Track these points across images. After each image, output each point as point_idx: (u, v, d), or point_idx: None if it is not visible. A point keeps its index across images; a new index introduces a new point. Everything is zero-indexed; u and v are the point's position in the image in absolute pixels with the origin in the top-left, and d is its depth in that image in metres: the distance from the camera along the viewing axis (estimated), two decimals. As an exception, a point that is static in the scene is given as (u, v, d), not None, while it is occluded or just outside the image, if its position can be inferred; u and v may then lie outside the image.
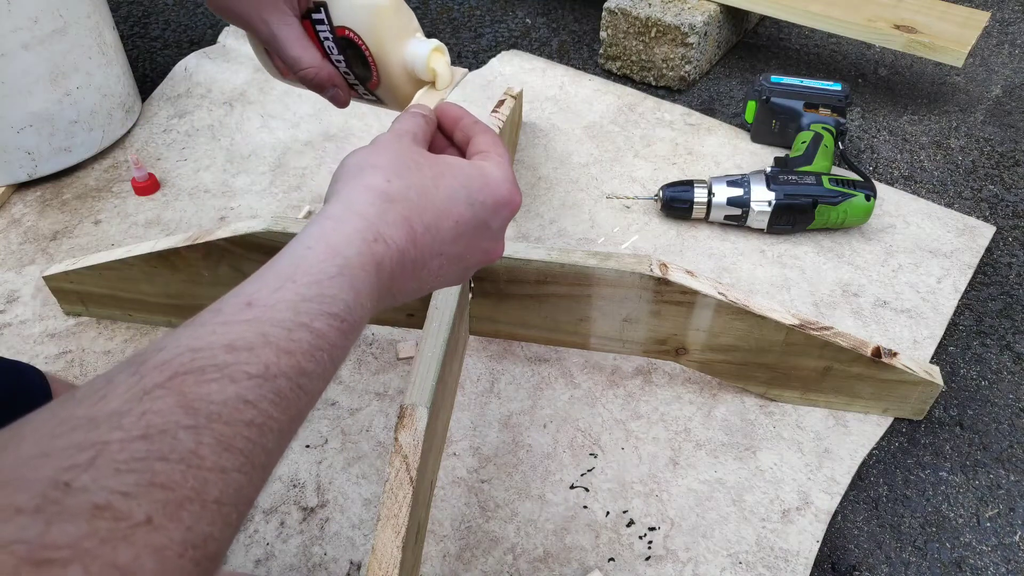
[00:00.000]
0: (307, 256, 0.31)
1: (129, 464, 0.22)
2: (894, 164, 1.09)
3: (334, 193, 0.35)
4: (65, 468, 0.21)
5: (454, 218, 0.37)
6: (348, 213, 0.33)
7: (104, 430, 0.22)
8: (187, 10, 1.44)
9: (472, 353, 0.81)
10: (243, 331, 0.27)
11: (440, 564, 0.64)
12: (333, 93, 0.51)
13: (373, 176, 0.35)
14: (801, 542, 0.66)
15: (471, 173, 0.39)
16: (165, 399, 0.24)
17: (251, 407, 0.25)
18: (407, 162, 0.37)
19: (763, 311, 0.68)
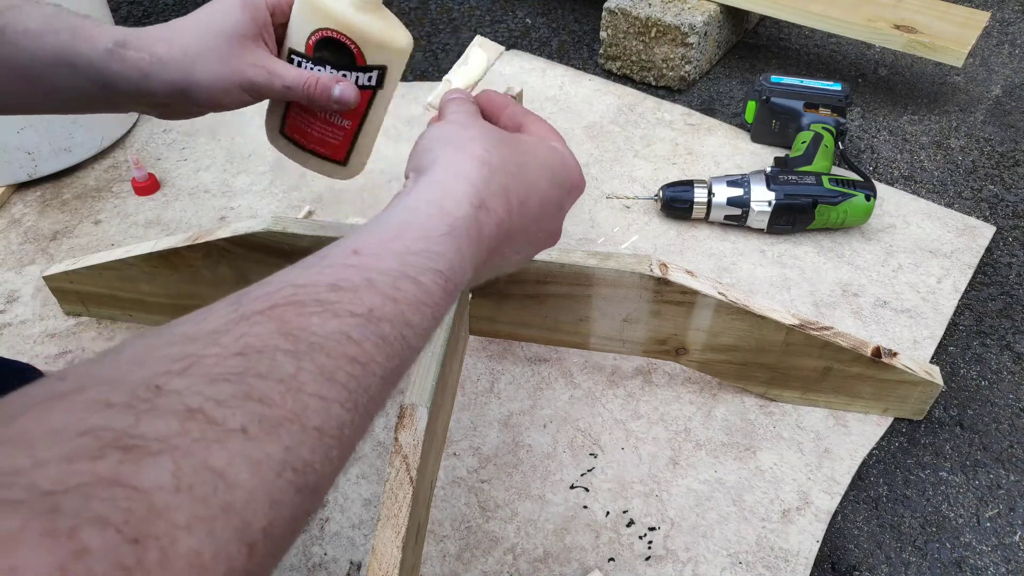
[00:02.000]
0: (416, 214, 0.31)
1: (224, 376, 0.22)
2: (894, 164, 1.09)
3: (433, 161, 0.35)
4: (159, 374, 0.21)
5: (541, 195, 0.38)
6: (456, 178, 0.33)
7: (200, 345, 0.22)
8: (187, 10, 1.44)
9: (472, 353, 0.81)
10: (348, 274, 0.27)
11: (440, 564, 0.64)
12: (341, 89, 0.51)
13: (474, 146, 0.35)
14: (801, 542, 0.66)
15: (551, 154, 0.40)
16: (264, 324, 0.23)
17: (354, 344, 0.25)
18: (496, 137, 0.37)
19: (763, 311, 0.68)
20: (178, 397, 0.20)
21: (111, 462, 0.18)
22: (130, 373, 0.21)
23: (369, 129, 0.59)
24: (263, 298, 0.25)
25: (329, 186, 1.03)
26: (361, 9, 0.51)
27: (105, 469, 0.18)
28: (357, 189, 1.02)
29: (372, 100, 0.56)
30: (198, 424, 0.20)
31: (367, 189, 1.02)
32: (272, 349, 0.23)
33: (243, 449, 0.21)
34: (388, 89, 0.56)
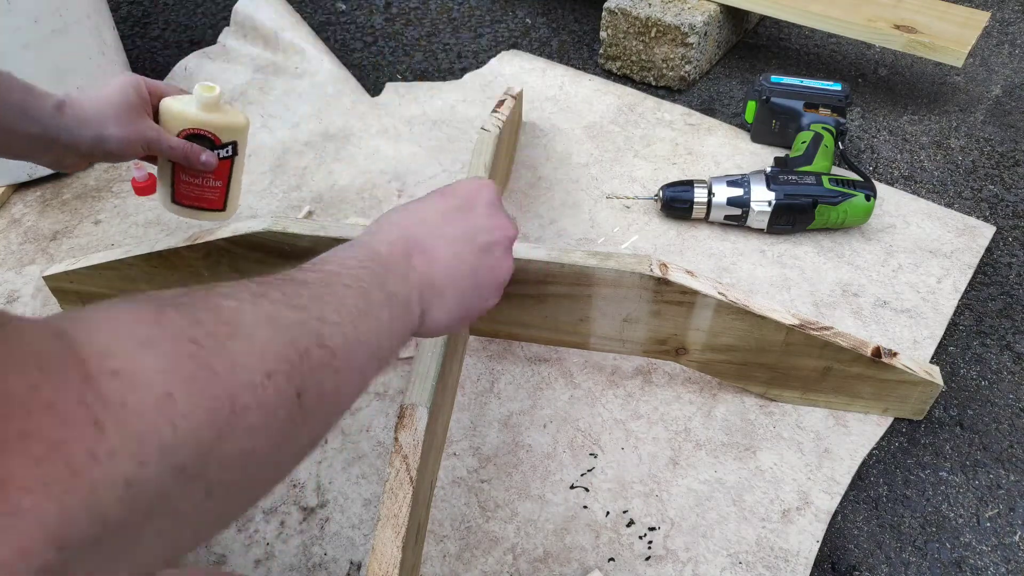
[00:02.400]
0: (347, 248, 0.45)
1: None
2: (894, 164, 1.09)
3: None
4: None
5: (438, 208, 0.50)
6: (366, 235, 0.48)
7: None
8: (187, 10, 1.44)
9: (472, 353, 0.81)
10: (313, 275, 0.39)
11: (440, 564, 0.64)
12: (207, 156, 0.74)
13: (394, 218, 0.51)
14: (801, 542, 0.66)
15: (445, 187, 0.54)
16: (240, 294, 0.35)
17: (323, 286, 0.38)
18: (406, 203, 0.52)
19: (763, 311, 0.68)
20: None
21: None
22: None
23: (235, 184, 0.82)
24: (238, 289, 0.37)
25: (329, 186, 1.03)
26: (208, 110, 0.74)
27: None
28: (357, 189, 1.02)
29: (232, 165, 0.79)
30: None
31: (367, 189, 1.02)
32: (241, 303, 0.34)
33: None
34: (242, 154, 0.80)
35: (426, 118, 1.15)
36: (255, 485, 0.31)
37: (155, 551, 0.25)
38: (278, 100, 1.18)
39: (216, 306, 0.30)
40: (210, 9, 1.45)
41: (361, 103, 1.17)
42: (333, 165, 1.06)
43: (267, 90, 1.20)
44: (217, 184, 0.79)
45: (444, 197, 0.51)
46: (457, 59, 1.32)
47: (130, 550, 0.24)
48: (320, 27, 1.39)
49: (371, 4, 1.47)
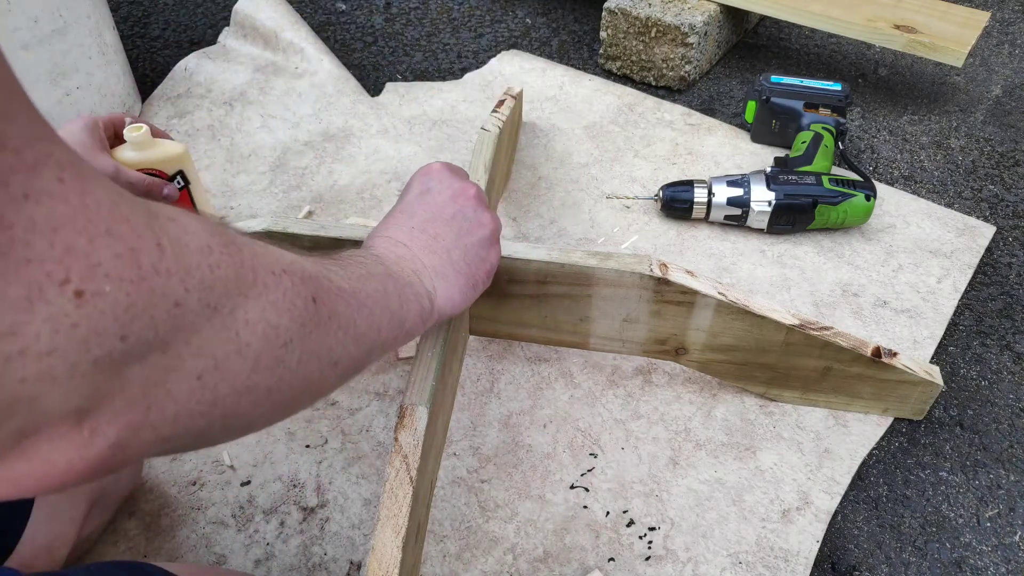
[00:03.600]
0: (346, 252, 0.49)
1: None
2: (894, 164, 1.09)
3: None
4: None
5: (397, 209, 0.55)
6: (366, 243, 0.54)
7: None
8: (187, 10, 1.44)
9: (472, 353, 0.81)
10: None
11: (440, 564, 0.64)
12: (169, 189, 0.77)
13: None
14: (801, 542, 0.66)
15: (428, 186, 0.57)
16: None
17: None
18: (401, 204, 0.57)
19: (763, 311, 0.68)
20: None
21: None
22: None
23: (203, 210, 0.88)
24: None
25: (329, 186, 1.03)
26: (142, 149, 0.79)
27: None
28: (357, 189, 1.02)
29: (190, 193, 0.85)
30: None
31: (367, 189, 1.02)
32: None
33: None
34: (195, 181, 0.85)
35: (426, 118, 1.15)
36: (289, 372, 0.33)
37: (197, 399, 0.28)
38: (278, 100, 1.18)
39: (240, 233, 0.34)
40: (210, 9, 1.45)
41: (361, 103, 1.17)
42: (333, 165, 1.06)
43: (267, 90, 1.20)
44: None
45: (400, 199, 0.56)
46: (457, 59, 1.32)
47: (174, 384, 0.27)
48: (320, 27, 1.39)
49: (371, 4, 1.47)
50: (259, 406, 0.32)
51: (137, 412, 0.26)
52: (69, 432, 0.24)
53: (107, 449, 0.25)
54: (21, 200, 0.22)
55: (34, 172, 0.22)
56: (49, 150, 0.23)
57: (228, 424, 0.31)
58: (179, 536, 0.66)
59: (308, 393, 0.36)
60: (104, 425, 0.25)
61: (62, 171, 0.23)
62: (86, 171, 0.24)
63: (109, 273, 0.24)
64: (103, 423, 0.25)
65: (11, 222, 0.21)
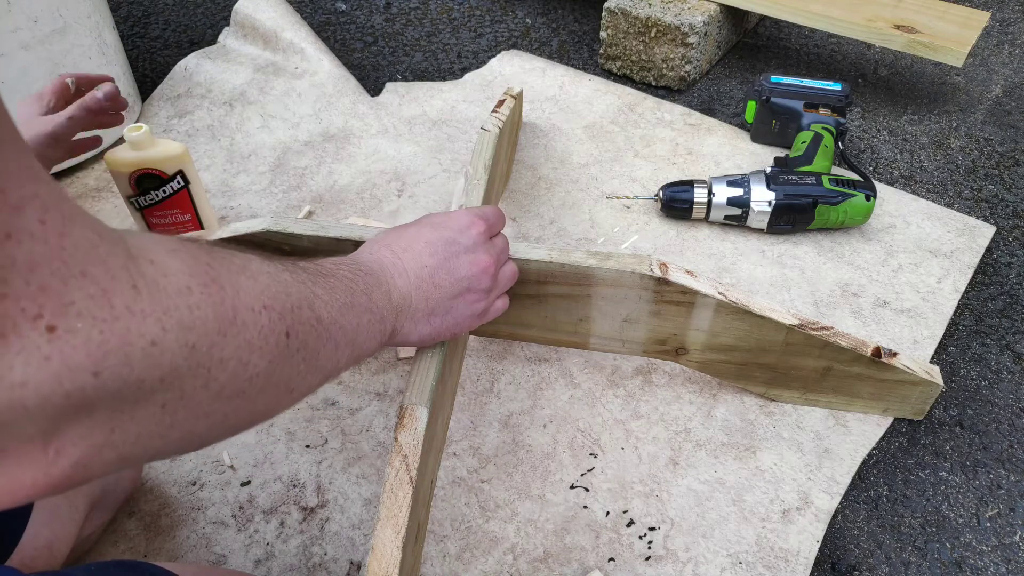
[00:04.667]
0: (344, 258, 0.51)
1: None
2: (894, 164, 1.09)
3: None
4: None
5: (424, 239, 0.55)
6: (363, 253, 0.54)
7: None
8: (187, 10, 1.44)
9: (472, 353, 0.81)
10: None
11: (440, 564, 0.64)
12: (104, 90, 0.74)
13: (384, 240, 0.56)
14: (801, 542, 0.66)
15: (436, 215, 0.58)
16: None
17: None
18: (401, 225, 0.58)
19: (763, 311, 0.68)
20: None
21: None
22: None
23: (202, 208, 0.88)
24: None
25: (329, 186, 1.03)
26: (142, 148, 0.80)
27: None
28: (357, 189, 1.02)
29: (190, 193, 0.85)
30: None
31: (367, 189, 1.02)
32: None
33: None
34: (195, 181, 0.85)
35: (426, 118, 1.15)
36: (247, 401, 0.35)
37: (156, 423, 0.30)
38: (278, 100, 1.18)
39: (230, 253, 0.36)
40: (210, 9, 1.45)
41: (361, 103, 1.17)
42: (333, 165, 1.06)
43: (267, 90, 1.20)
44: (186, 217, 0.88)
45: (434, 229, 0.56)
46: (457, 59, 1.32)
47: (139, 411, 0.28)
48: (320, 27, 1.39)
49: (371, 4, 1.47)
50: (214, 428, 0.34)
51: (101, 435, 0.27)
52: (34, 452, 0.25)
53: (70, 468, 0.27)
54: (3, 239, 0.23)
55: (18, 212, 0.23)
56: (35, 190, 0.24)
57: (184, 443, 0.32)
58: (179, 536, 0.66)
59: (262, 415, 0.38)
60: (69, 447, 0.26)
61: (45, 212, 0.24)
62: (69, 211, 0.26)
63: (81, 312, 0.25)
64: (68, 444, 0.26)
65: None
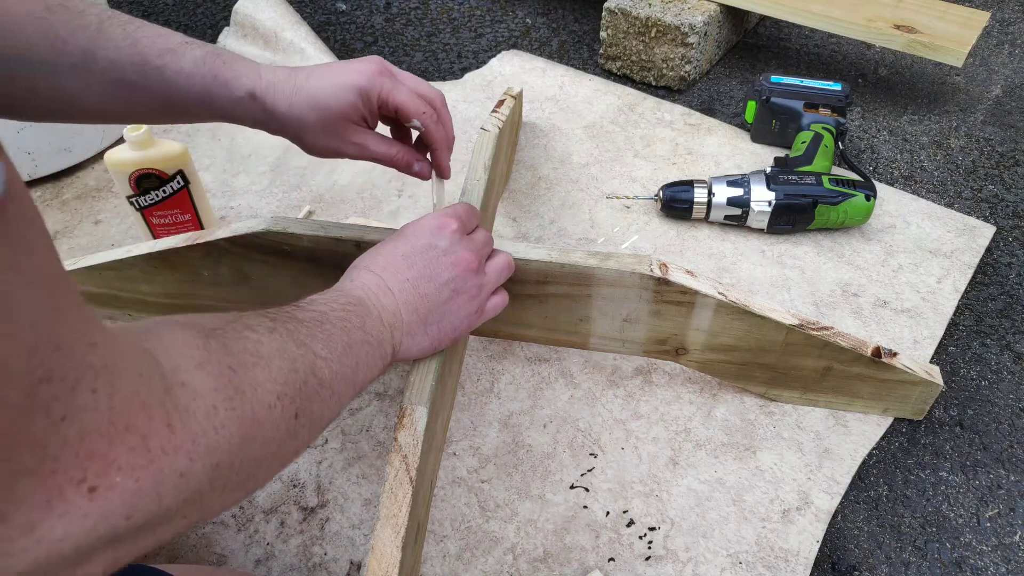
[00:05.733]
0: (332, 293, 0.51)
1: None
2: (894, 164, 1.09)
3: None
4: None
5: (400, 253, 0.54)
6: (345, 281, 0.54)
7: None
8: (187, 10, 1.45)
9: (472, 353, 0.81)
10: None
11: (440, 564, 0.64)
12: (420, 166, 0.62)
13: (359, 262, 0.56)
14: (801, 542, 0.66)
15: (408, 226, 0.57)
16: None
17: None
18: (377, 245, 0.57)
19: (763, 311, 0.68)
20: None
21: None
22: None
23: (202, 209, 0.89)
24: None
25: (329, 186, 1.03)
26: (142, 148, 0.80)
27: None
28: (357, 189, 1.02)
29: (190, 193, 0.86)
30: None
31: (367, 189, 1.02)
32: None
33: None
34: (195, 181, 0.85)
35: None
36: (253, 486, 0.37)
37: (173, 531, 0.31)
38: (278, 100, 1.18)
39: (244, 337, 0.38)
40: (210, 9, 1.45)
41: (361, 103, 1.17)
42: (333, 165, 1.06)
43: (267, 90, 1.19)
44: (186, 217, 0.88)
45: (407, 239, 0.55)
46: (457, 59, 1.32)
47: (162, 529, 0.30)
48: (320, 27, 1.39)
49: (371, 4, 1.47)
50: (217, 511, 0.35)
51: (126, 554, 0.29)
52: (63, 573, 0.27)
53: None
54: (59, 423, 0.24)
55: (73, 392, 0.25)
56: (89, 360, 0.26)
57: (190, 527, 0.34)
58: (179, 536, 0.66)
59: (262, 484, 0.39)
60: (95, 567, 0.28)
61: (96, 380, 0.26)
62: (116, 361, 0.27)
63: (122, 466, 0.26)
64: (95, 566, 0.28)
65: (45, 444, 0.24)
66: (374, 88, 0.56)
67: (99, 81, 0.51)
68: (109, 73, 0.51)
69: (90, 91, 0.52)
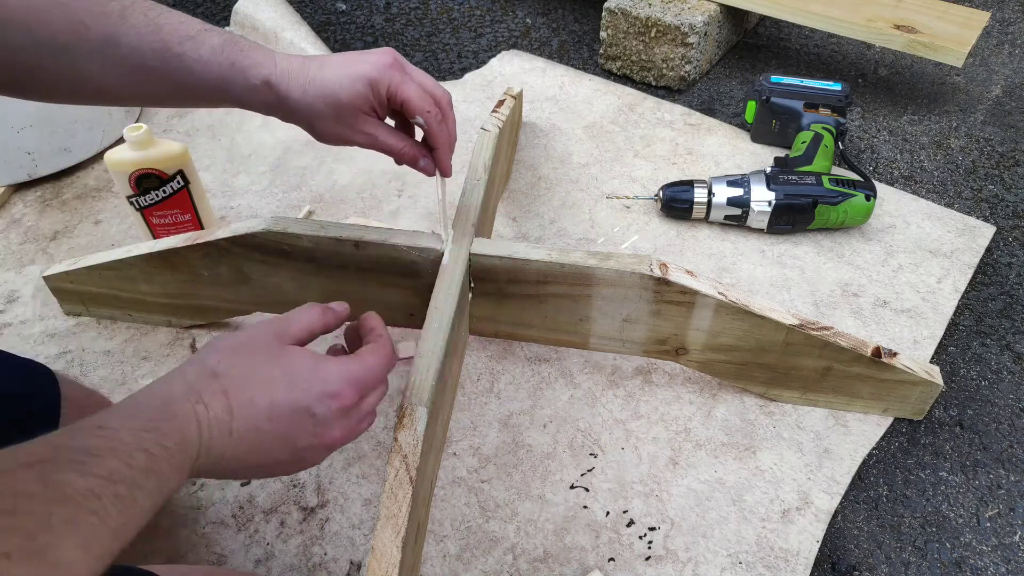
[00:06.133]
0: (147, 402, 0.39)
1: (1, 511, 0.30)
2: (894, 164, 1.09)
3: (183, 364, 0.44)
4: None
5: (270, 398, 0.43)
6: (179, 379, 0.42)
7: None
8: (187, 10, 1.44)
9: (472, 353, 0.81)
10: (97, 442, 0.34)
11: (440, 564, 0.64)
12: (426, 162, 0.61)
13: (209, 356, 0.43)
14: (801, 542, 0.66)
15: (305, 365, 0.45)
16: (33, 471, 0.31)
17: (99, 499, 0.32)
18: (245, 348, 0.45)
19: (763, 311, 0.68)
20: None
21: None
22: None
23: (202, 208, 0.88)
24: (34, 453, 0.32)
25: (329, 186, 1.03)
26: (142, 148, 0.80)
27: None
28: (357, 189, 1.02)
29: (190, 193, 0.86)
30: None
31: (367, 189, 1.02)
32: (34, 495, 0.31)
33: (4, 569, 0.28)
34: (195, 181, 0.85)
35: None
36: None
37: None
38: (278, 100, 1.18)
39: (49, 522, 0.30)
40: (210, 9, 1.45)
41: (361, 103, 1.17)
42: (333, 165, 1.06)
43: (267, 90, 1.19)
44: (186, 217, 0.88)
45: (291, 388, 0.44)
46: (457, 59, 1.32)
47: None
48: (320, 27, 1.39)
49: (371, 4, 1.47)
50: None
51: None
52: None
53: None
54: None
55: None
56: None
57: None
58: (179, 536, 0.66)
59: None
60: None
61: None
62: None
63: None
64: None
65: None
66: (384, 80, 0.56)
67: (118, 66, 0.52)
68: (130, 59, 0.52)
69: (107, 74, 0.52)
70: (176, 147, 0.83)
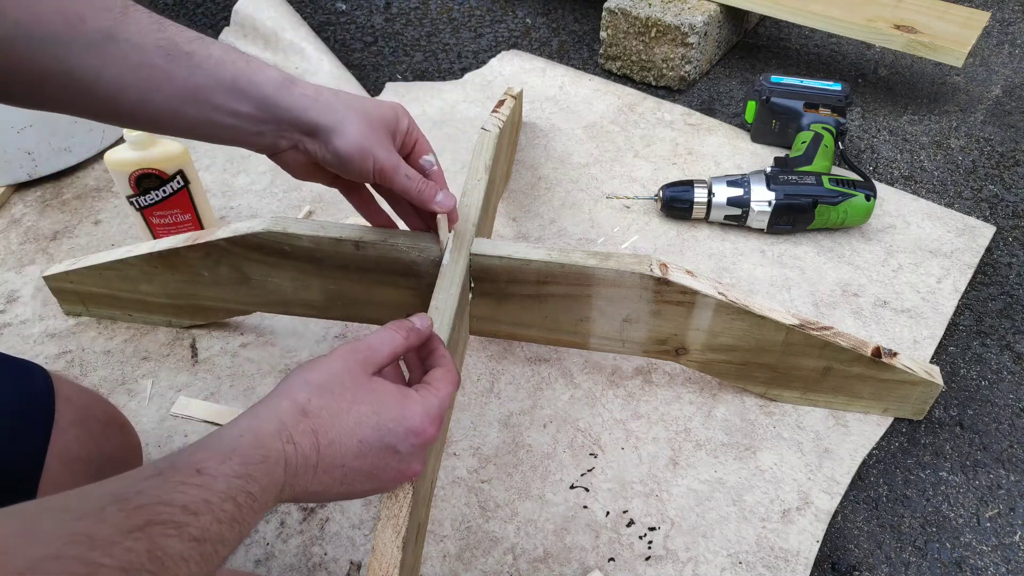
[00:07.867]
0: (241, 442, 0.39)
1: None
2: (894, 164, 1.09)
3: (273, 394, 0.43)
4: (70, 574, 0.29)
5: (358, 437, 0.43)
6: (271, 414, 0.41)
7: (98, 553, 0.30)
8: (187, 10, 1.44)
9: (472, 353, 0.81)
10: (195, 495, 0.35)
11: (440, 564, 0.64)
12: (443, 196, 0.60)
13: (300, 392, 0.43)
14: (801, 542, 0.66)
15: (390, 402, 0.45)
16: (141, 542, 0.32)
17: (186, 563, 0.33)
18: (335, 384, 0.44)
19: (763, 311, 0.68)
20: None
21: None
22: (50, 572, 0.29)
23: (202, 209, 0.89)
24: (141, 511, 0.33)
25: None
26: (142, 148, 0.80)
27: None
28: (357, 189, 1.02)
29: (190, 193, 0.86)
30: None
31: (367, 189, 1.02)
32: (140, 569, 0.31)
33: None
34: (195, 181, 0.85)
35: (426, 118, 1.15)
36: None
37: None
38: (278, 100, 1.18)
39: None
40: (210, 9, 1.45)
41: (361, 103, 1.17)
42: (333, 165, 1.06)
43: (267, 90, 1.19)
44: (186, 217, 0.88)
45: (378, 427, 0.44)
46: (457, 59, 1.32)
47: None
48: (320, 27, 1.39)
49: (371, 4, 1.47)
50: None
51: None
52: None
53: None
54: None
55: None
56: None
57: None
58: (179, 536, 0.66)
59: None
60: None
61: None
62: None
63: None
64: None
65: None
66: (404, 115, 0.59)
67: (118, 64, 0.49)
68: (131, 56, 0.49)
69: (103, 73, 0.49)
70: (176, 147, 0.82)
